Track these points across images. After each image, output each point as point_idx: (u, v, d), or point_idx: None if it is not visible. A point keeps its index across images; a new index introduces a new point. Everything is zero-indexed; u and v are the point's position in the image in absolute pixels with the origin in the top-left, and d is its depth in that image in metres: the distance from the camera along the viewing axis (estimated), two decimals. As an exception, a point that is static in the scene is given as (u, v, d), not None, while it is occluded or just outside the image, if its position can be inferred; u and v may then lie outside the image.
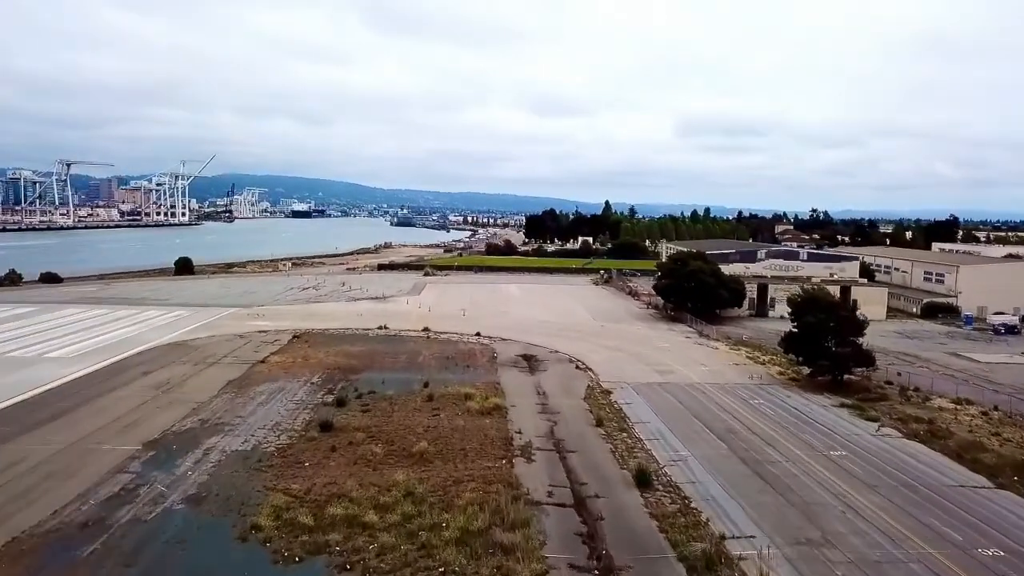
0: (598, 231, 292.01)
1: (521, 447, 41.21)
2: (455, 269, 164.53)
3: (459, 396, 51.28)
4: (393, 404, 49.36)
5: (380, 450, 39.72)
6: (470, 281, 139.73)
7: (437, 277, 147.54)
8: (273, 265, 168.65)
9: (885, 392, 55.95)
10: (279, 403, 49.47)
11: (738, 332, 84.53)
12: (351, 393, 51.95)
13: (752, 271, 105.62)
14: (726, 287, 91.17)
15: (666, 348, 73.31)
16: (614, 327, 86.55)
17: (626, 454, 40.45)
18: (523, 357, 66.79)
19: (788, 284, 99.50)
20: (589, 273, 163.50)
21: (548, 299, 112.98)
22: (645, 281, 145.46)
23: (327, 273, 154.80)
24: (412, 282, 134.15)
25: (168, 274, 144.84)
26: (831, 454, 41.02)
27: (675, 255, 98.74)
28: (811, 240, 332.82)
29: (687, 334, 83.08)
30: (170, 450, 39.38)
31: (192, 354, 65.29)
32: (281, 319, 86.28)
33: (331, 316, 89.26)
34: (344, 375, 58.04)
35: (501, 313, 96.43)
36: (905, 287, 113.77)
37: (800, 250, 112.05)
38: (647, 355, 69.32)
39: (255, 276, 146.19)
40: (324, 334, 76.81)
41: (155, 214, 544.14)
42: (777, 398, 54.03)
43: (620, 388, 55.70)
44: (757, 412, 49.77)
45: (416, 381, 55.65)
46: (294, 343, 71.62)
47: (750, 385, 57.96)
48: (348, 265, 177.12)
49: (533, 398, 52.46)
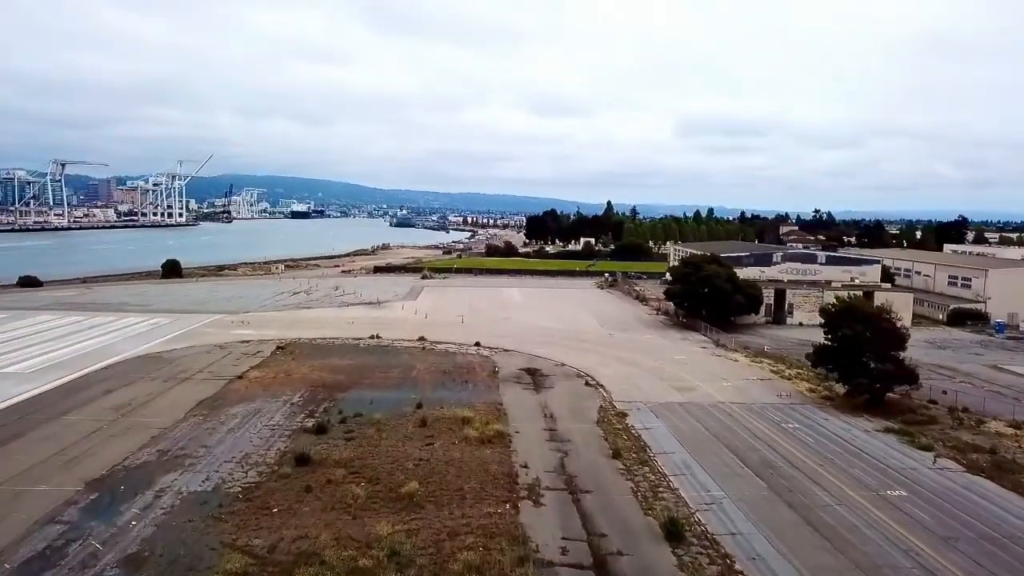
0: (600, 232, 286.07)
1: (527, 486, 35.42)
2: (454, 272, 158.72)
3: (456, 420, 45.49)
4: (381, 430, 43.56)
5: (362, 491, 33.90)
6: (469, 284, 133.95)
7: (435, 280, 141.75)
8: (265, 268, 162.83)
9: (932, 414, 50.14)
10: (252, 429, 43.66)
11: (757, 342, 78.75)
12: (334, 416, 46.18)
13: (767, 275, 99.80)
14: (742, 293, 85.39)
15: (682, 361, 67.50)
16: (623, 336, 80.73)
17: (650, 494, 34.68)
18: (527, 372, 60.98)
19: (807, 289, 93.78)
20: (593, 276, 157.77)
21: (551, 304, 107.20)
22: (652, 285, 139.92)
23: (321, 276, 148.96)
24: (409, 286, 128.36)
25: (155, 277, 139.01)
26: (889, 494, 35.21)
27: (687, 259, 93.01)
28: (816, 241, 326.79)
29: (703, 344, 77.24)
30: (116, 492, 33.56)
31: (164, 368, 59.46)
32: (266, 327, 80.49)
33: (320, 324, 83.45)
34: (329, 394, 52.24)
35: (502, 320, 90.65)
36: (927, 291, 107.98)
37: (818, 252, 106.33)
38: (663, 369, 63.51)
39: (245, 280, 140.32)
40: (311, 344, 71.00)
41: (152, 215, 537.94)
42: (813, 421, 48.22)
43: (636, 409, 49.89)
44: (794, 439, 43.96)
45: (408, 401, 49.85)
46: (277, 355, 65.80)
47: (780, 405, 52.12)
48: (343, 267, 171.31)
49: (539, 422, 46.66)
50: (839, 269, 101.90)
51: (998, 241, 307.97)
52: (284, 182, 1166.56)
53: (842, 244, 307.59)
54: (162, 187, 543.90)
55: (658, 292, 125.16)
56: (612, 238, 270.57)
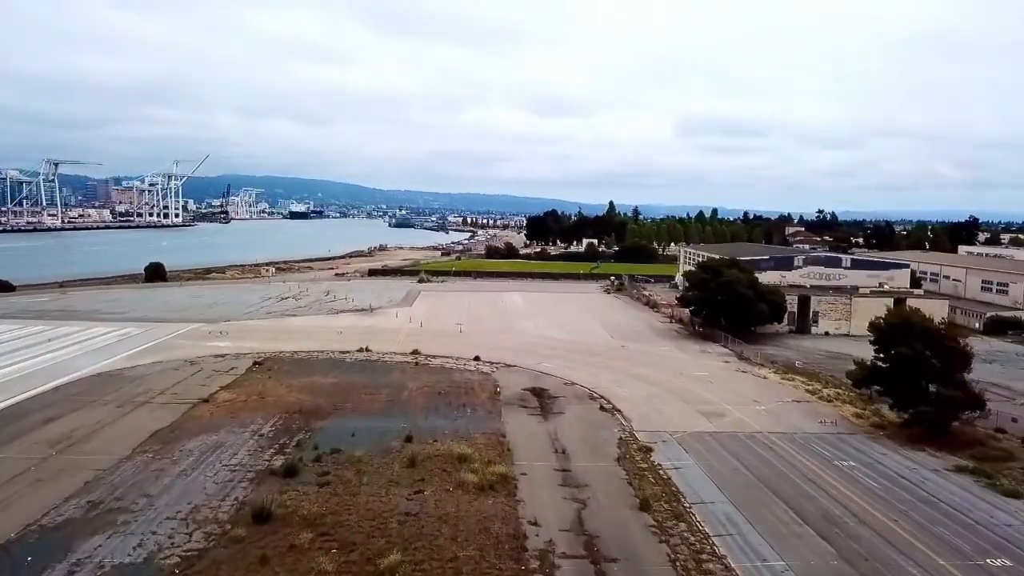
0: (603, 233, 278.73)
1: (539, 553, 28.47)
2: (452, 275, 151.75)
3: (451, 458, 38.53)
4: (362, 472, 36.59)
5: (332, 565, 26.94)
6: (468, 289, 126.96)
7: (433, 284, 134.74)
8: (255, 271, 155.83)
9: (1004, 447, 43.16)
10: (209, 470, 36.69)
11: (783, 354, 71.79)
12: (308, 452, 39.25)
13: (788, 280, 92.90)
14: (765, 300, 78.42)
15: (705, 378, 60.50)
16: (637, 348, 73.74)
17: (692, 564, 27.76)
18: (532, 393, 53.99)
19: (833, 296, 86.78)
20: (598, 279, 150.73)
21: (556, 311, 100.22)
22: (661, 289, 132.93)
23: (313, 279, 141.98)
24: (404, 290, 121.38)
25: (138, 281, 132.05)
26: (990, 564, 28.28)
27: (705, 263, 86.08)
28: (823, 242, 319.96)
29: (724, 357, 70.26)
30: (19, 567, 26.59)
31: (122, 389, 52.46)
32: (246, 338, 73.51)
33: (306, 334, 76.46)
34: (305, 421, 45.28)
35: (503, 329, 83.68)
36: (958, 297, 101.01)
37: (842, 256, 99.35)
38: (685, 388, 56.51)
39: (233, 284, 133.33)
40: (293, 359, 64.03)
41: (148, 215, 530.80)
42: (869, 457, 41.22)
43: (662, 442, 42.93)
44: (853, 482, 36.98)
45: (396, 432, 42.89)
46: (253, 372, 58.82)
47: (827, 436, 45.13)
48: (337, 270, 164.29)
49: (549, 458, 39.69)
50: (865, 274, 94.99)
51: (1008, 242, 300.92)
52: (284, 182, 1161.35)
53: (850, 245, 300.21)
54: (158, 187, 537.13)
55: (668, 297, 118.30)
56: (615, 239, 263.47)
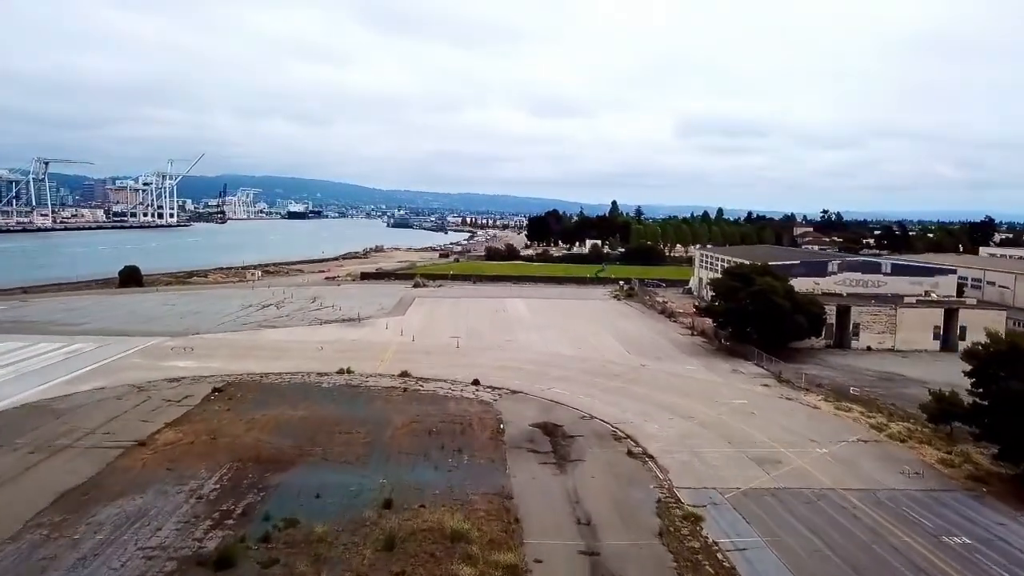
0: (607, 234, 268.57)
1: None
2: (450, 278, 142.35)
3: (442, 536, 29.23)
4: (321, 561, 27.27)
5: None
6: (467, 294, 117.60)
7: (428, 289, 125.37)
8: (241, 274, 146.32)
9: None
10: (117, 558, 27.37)
11: (827, 375, 62.62)
12: (255, 525, 30.00)
13: (823, 287, 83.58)
14: (803, 311, 69.12)
15: (745, 408, 51.19)
16: (660, 368, 64.44)
17: None
18: (543, 430, 44.67)
19: (876, 306, 77.42)
20: (605, 283, 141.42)
21: (563, 321, 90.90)
22: (675, 295, 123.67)
23: (301, 283, 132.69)
24: (398, 296, 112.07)
25: (112, 286, 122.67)
26: None
27: (734, 269, 76.66)
28: (832, 243, 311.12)
29: (762, 379, 60.94)
30: None
31: (43, 428, 43.11)
32: (212, 356, 64.24)
33: (281, 351, 67.18)
34: (260, 475, 35.99)
35: (505, 343, 74.37)
36: (1005, 306, 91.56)
37: (881, 260, 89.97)
38: (725, 423, 47.21)
39: (214, 288, 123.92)
40: (260, 384, 54.73)
41: (142, 215, 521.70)
42: (986, 530, 31.88)
43: (712, 504, 33.63)
44: (979, 573, 27.65)
45: (373, 492, 33.61)
46: (211, 402, 49.49)
47: (918, 495, 35.76)
48: (328, 273, 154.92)
49: (571, 534, 30.37)
50: (907, 280, 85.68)
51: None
52: (283, 182, 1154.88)
53: (860, 246, 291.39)
54: (152, 187, 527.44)
55: (684, 303, 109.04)
56: (620, 240, 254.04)
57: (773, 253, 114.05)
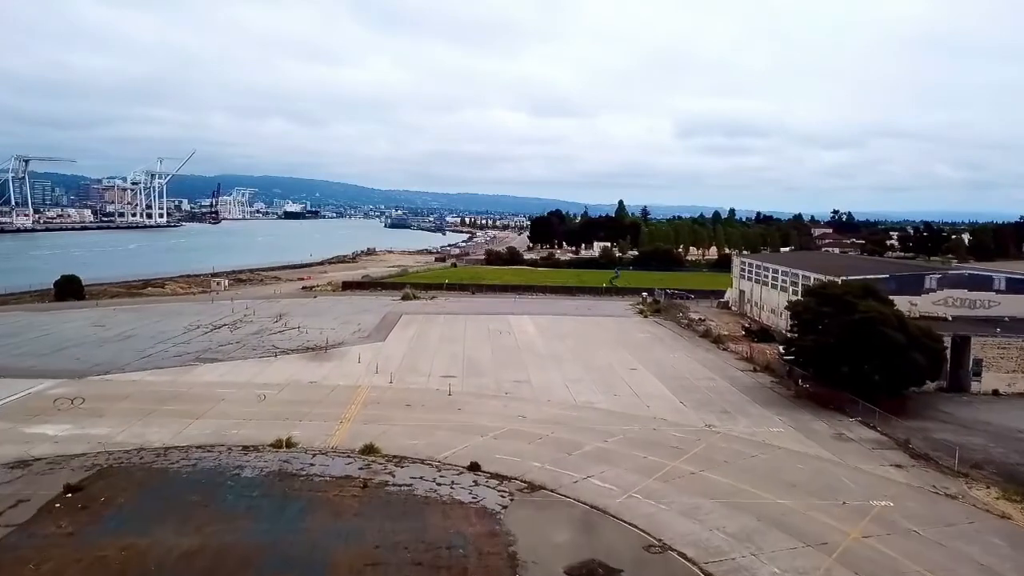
0: (616, 235, 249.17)
1: None
2: (445, 288, 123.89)
3: None
4: None
5: None
6: (464, 309, 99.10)
7: (420, 302, 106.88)
8: (206, 282, 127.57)
9: None
10: None
11: (966, 441, 44.14)
12: None
13: (921, 309, 65.12)
14: (919, 346, 50.57)
15: (893, 516, 32.63)
16: (735, 431, 45.84)
17: None
18: None
19: (1004, 336, 58.78)
20: (623, 294, 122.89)
21: (585, 348, 72.44)
22: (708, 309, 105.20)
23: (272, 295, 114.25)
24: (382, 312, 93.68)
25: (47, 299, 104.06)
26: None
27: (822, 290, 57.95)
28: (853, 245, 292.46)
29: (884, 451, 42.27)
30: None
31: None
32: (104, 413, 45.73)
33: (206, 403, 48.61)
34: None
35: (514, 386, 55.87)
36: None
37: (992, 273, 71.35)
38: (881, 559, 28.65)
39: (167, 302, 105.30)
40: (150, 472, 36.17)
41: (130, 215, 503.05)
42: None
43: None
44: None
45: None
46: (51, 515, 30.93)
47: None
48: (307, 281, 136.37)
49: None
50: (1025, 298, 67.17)
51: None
52: (282, 182, 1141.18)
53: (884, 248, 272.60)
54: (140, 186, 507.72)
55: (725, 321, 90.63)
56: (631, 242, 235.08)
57: (846, 264, 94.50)
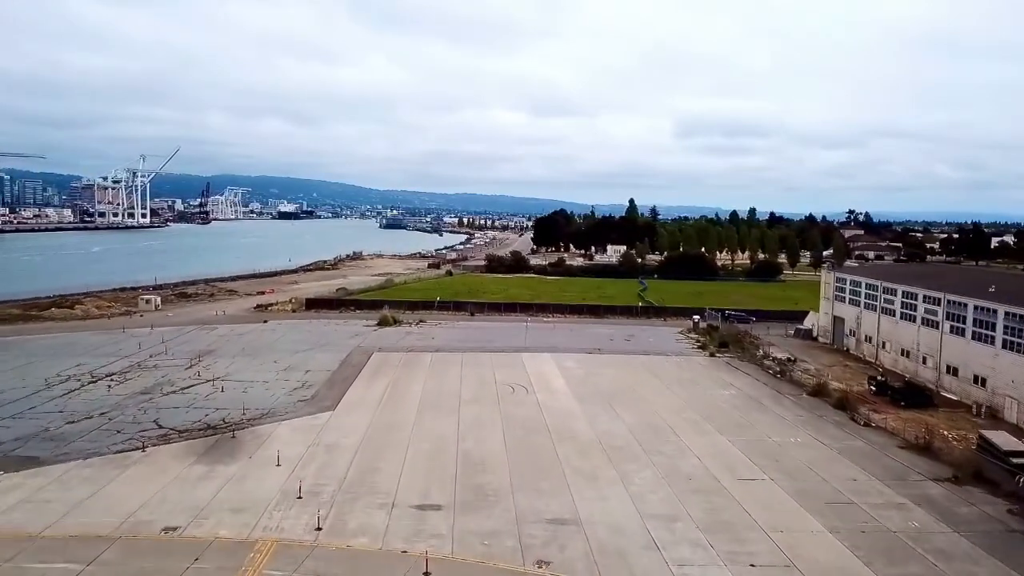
0: (631, 237, 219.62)
1: None
2: (436, 307, 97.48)
3: None
4: None
5: None
6: (461, 343, 72.68)
7: (401, 330, 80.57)
8: (134, 298, 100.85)
9: None
10: None
11: None
12: None
13: None
14: None
15: None
16: None
17: None
18: None
19: None
20: (664, 315, 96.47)
21: (652, 426, 46.14)
22: (786, 339, 78.99)
23: (212, 318, 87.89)
24: (346, 348, 67.54)
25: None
26: None
27: None
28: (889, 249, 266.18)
29: None
30: None
31: None
32: None
33: None
34: None
35: (550, 536, 29.52)
36: None
37: None
38: None
39: (61, 331, 78.73)
40: None
41: (111, 215, 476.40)
42: None
43: None
44: None
45: None
46: None
47: None
48: (267, 294, 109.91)
49: None
50: None
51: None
52: (279, 182, 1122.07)
53: (925, 252, 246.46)
54: (122, 184, 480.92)
55: (823, 363, 64.42)
56: (649, 246, 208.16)
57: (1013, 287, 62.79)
